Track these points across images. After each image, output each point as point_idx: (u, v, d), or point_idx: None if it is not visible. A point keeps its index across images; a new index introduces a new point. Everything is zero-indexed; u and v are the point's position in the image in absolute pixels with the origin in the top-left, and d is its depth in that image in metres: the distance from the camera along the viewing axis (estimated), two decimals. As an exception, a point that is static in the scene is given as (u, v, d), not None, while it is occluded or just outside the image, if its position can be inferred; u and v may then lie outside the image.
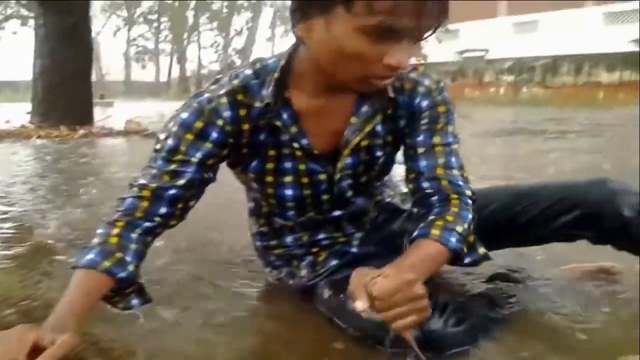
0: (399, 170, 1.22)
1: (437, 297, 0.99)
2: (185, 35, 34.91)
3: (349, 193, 1.13)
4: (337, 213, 1.17)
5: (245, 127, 1.01)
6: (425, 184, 1.05)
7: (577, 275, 1.40)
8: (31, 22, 6.56)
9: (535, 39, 19.99)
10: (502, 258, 1.41)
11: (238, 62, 28.78)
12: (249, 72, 1.00)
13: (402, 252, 1.19)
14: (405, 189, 1.27)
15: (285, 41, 34.46)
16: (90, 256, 0.93)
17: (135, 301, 1.02)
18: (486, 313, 1.12)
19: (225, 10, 35.03)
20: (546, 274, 1.40)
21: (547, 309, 1.17)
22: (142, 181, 0.99)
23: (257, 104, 0.99)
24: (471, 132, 6.35)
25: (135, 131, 6.49)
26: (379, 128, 1.06)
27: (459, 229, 0.99)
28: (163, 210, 0.99)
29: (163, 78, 37.70)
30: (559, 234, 1.15)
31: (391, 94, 1.03)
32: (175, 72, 36.26)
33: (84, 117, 6.86)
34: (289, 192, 1.09)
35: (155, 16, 36.67)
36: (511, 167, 3.69)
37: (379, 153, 1.10)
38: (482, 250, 1.03)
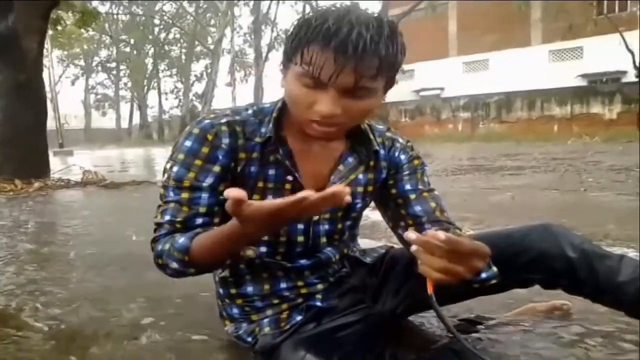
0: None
1: (406, 355, 0.98)
2: (145, 82, 34.90)
3: (323, 239, 1.15)
4: (303, 262, 1.16)
5: (242, 156, 1.07)
6: (429, 227, 1.08)
7: (530, 316, 1.41)
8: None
9: (487, 77, 20.80)
10: (456, 308, 1.41)
11: (199, 107, 28.77)
12: (249, 111, 1.10)
13: (363, 306, 1.19)
14: (363, 246, 1.28)
15: (244, 86, 34.89)
16: None
17: None
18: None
19: (183, 57, 35.30)
20: (500, 319, 1.41)
21: (522, 354, 1.18)
22: (166, 218, 1.03)
23: (257, 139, 1.07)
24: (430, 171, 6.47)
25: (92, 182, 6.39)
26: (361, 177, 1.15)
27: None
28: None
29: (124, 124, 37.38)
30: (514, 278, 1.16)
31: (376, 147, 1.13)
32: (136, 118, 36.06)
33: (40, 169, 6.73)
34: None
35: (113, 64, 36.64)
36: (468, 206, 3.71)
37: (357, 200, 1.16)
38: (495, 268, 1.04)
